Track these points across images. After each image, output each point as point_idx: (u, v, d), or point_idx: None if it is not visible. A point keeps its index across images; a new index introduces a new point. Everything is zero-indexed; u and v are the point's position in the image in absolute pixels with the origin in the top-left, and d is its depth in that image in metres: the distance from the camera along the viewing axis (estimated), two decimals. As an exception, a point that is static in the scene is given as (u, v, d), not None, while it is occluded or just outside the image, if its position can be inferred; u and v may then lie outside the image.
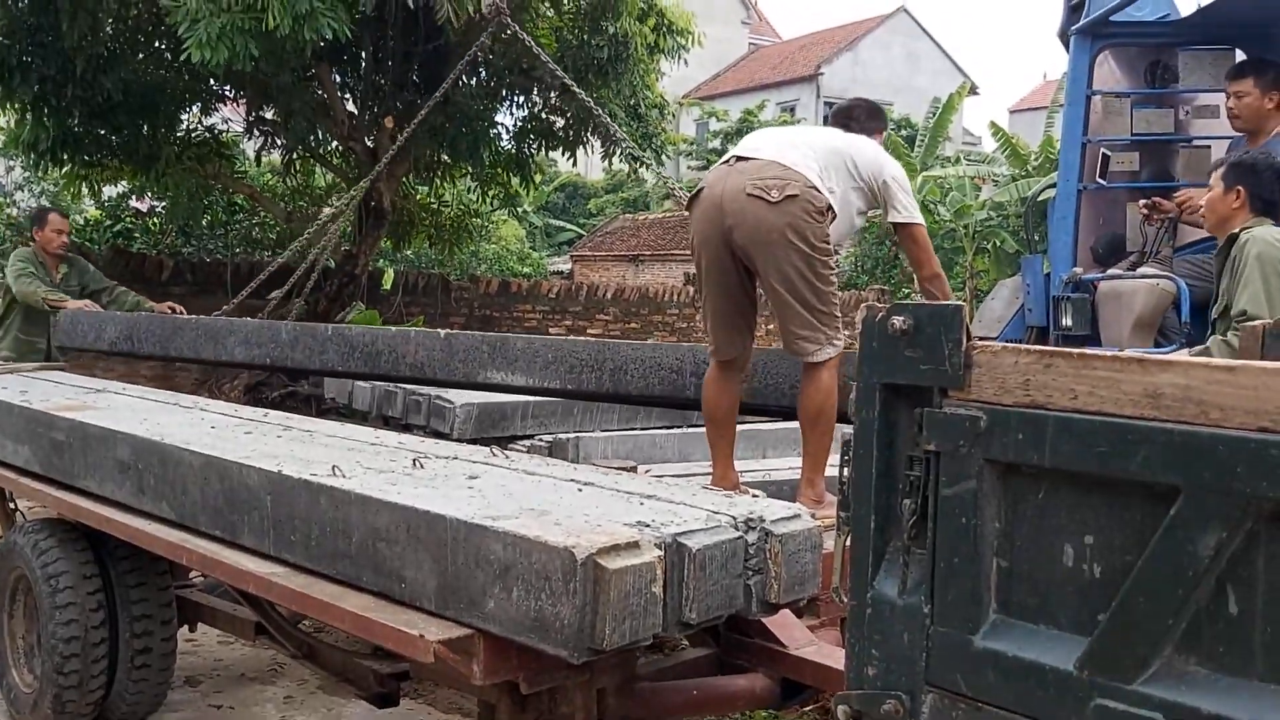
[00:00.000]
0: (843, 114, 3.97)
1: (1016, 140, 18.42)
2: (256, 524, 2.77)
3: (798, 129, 3.84)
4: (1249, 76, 4.64)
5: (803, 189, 3.30)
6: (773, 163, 3.35)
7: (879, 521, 1.72)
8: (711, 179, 3.48)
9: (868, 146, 3.69)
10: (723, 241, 3.40)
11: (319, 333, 4.73)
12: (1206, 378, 1.35)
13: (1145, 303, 4.63)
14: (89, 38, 7.51)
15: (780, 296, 3.37)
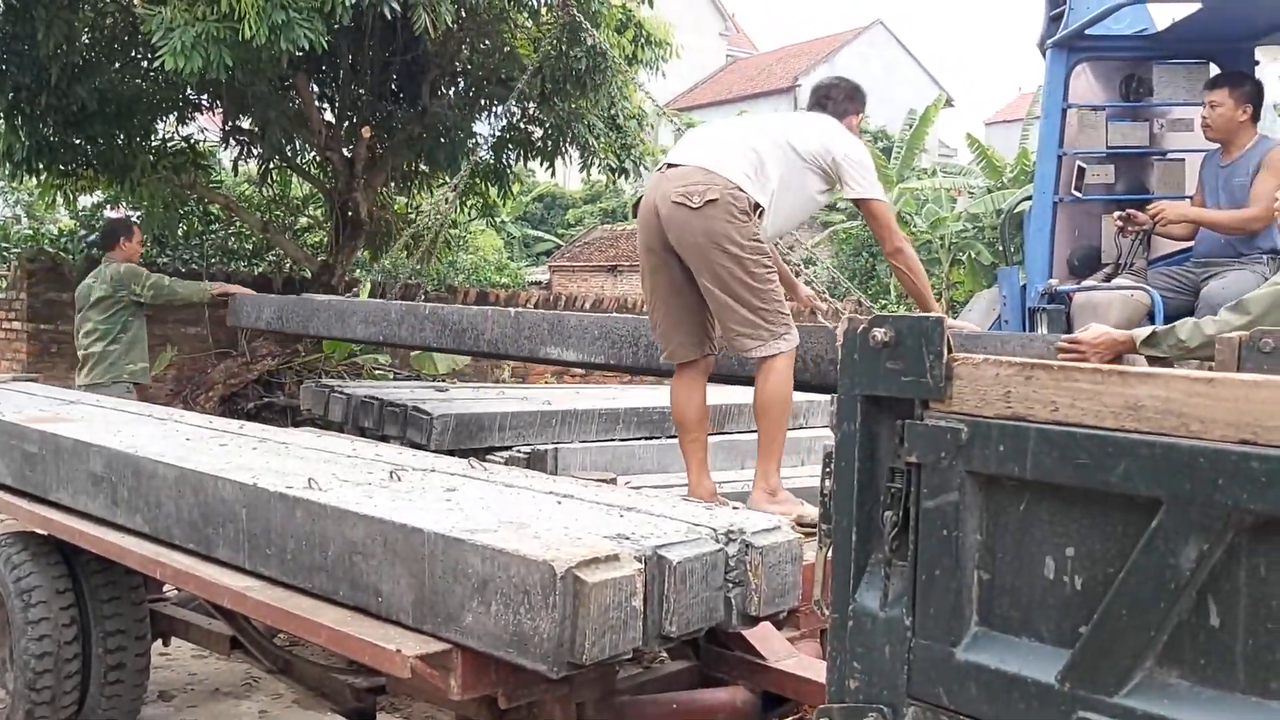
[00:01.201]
0: (821, 92, 3.99)
1: (992, 152, 18.55)
2: (231, 537, 2.74)
3: (738, 123, 3.85)
4: (1224, 87, 4.69)
5: (723, 191, 3.35)
6: (697, 168, 3.42)
7: (860, 533, 1.72)
8: (650, 187, 3.60)
9: (812, 129, 3.70)
10: (664, 247, 3.49)
11: (419, 312, 5.28)
12: (1187, 390, 1.35)
13: (1120, 314, 4.67)
14: (64, 47, 7.44)
15: (716, 297, 3.42)
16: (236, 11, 6.21)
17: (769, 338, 3.42)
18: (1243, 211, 4.67)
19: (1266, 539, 1.29)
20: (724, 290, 3.39)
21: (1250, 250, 4.64)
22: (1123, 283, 4.81)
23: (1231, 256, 4.69)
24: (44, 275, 9.42)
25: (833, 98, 3.92)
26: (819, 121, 3.77)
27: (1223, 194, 4.76)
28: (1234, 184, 4.70)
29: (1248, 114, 4.66)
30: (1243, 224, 4.66)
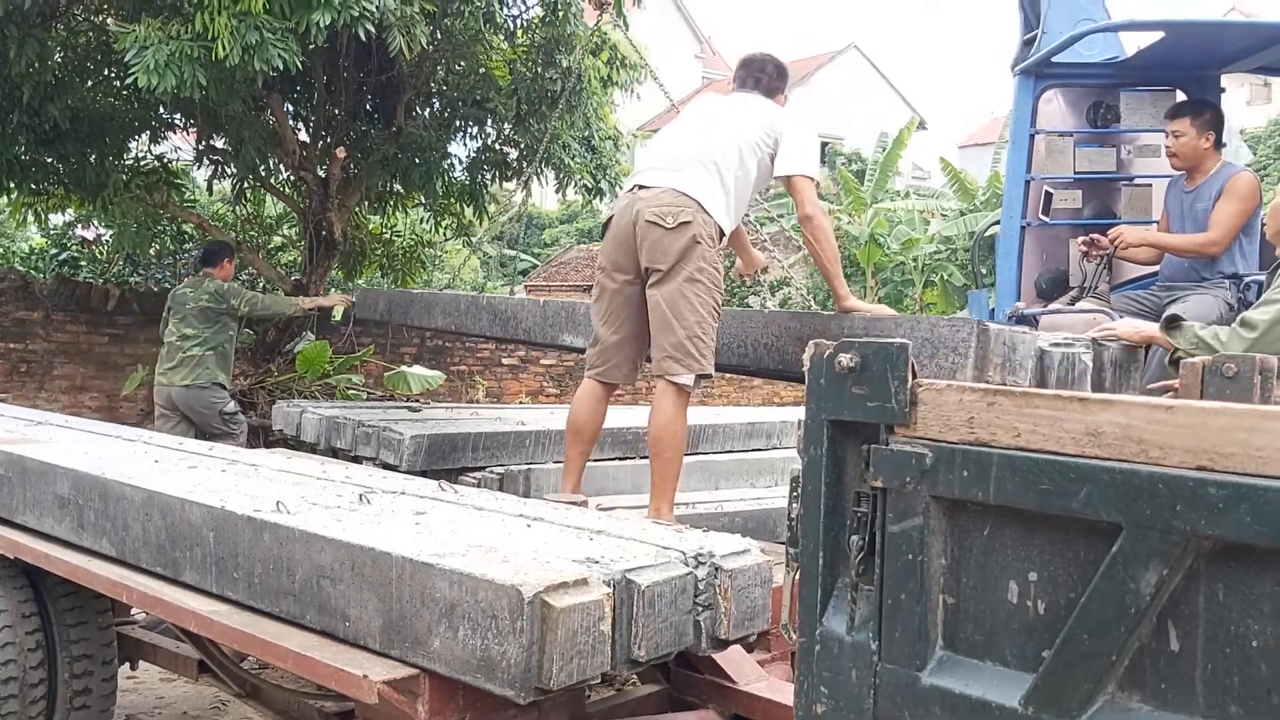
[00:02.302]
0: (754, 68, 4.06)
1: (965, 175, 18.72)
2: (199, 561, 2.72)
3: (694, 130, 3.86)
4: (1186, 116, 4.76)
5: (695, 214, 3.55)
6: (670, 190, 3.58)
7: (827, 558, 1.72)
8: (619, 208, 3.71)
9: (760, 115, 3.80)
10: (633, 268, 3.65)
11: (479, 303, 5.78)
12: (1146, 417, 1.36)
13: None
14: (36, 65, 7.41)
15: (663, 315, 3.58)
16: (210, 31, 6.20)
17: (696, 368, 3.58)
18: (1200, 236, 4.73)
19: (1224, 564, 1.31)
20: (673, 310, 3.56)
21: (1212, 275, 4.70)
22: (1085, 306, 4.87)
23: (1194, 281, 4.75)
24: (14, 294, 9.34)
25: (767, 73, 4.04)
26: (763, 107, 3.87)
27: (1187, 219, 4.82)
28: (1197, 209, 4.76)
29: (1210, 141, 4.73)
30: (1199, 248, 4.72)
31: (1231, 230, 4.63)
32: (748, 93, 3.99)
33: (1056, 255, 5.45)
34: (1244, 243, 4.69)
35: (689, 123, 3.93)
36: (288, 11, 6.40)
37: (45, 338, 9.41)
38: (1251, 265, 4.70)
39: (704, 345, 3.59)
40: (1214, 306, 4.58)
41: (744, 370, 4.13)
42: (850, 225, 17.98)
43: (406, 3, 6.72)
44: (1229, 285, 4.63)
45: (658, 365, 3.62)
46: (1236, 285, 4.62)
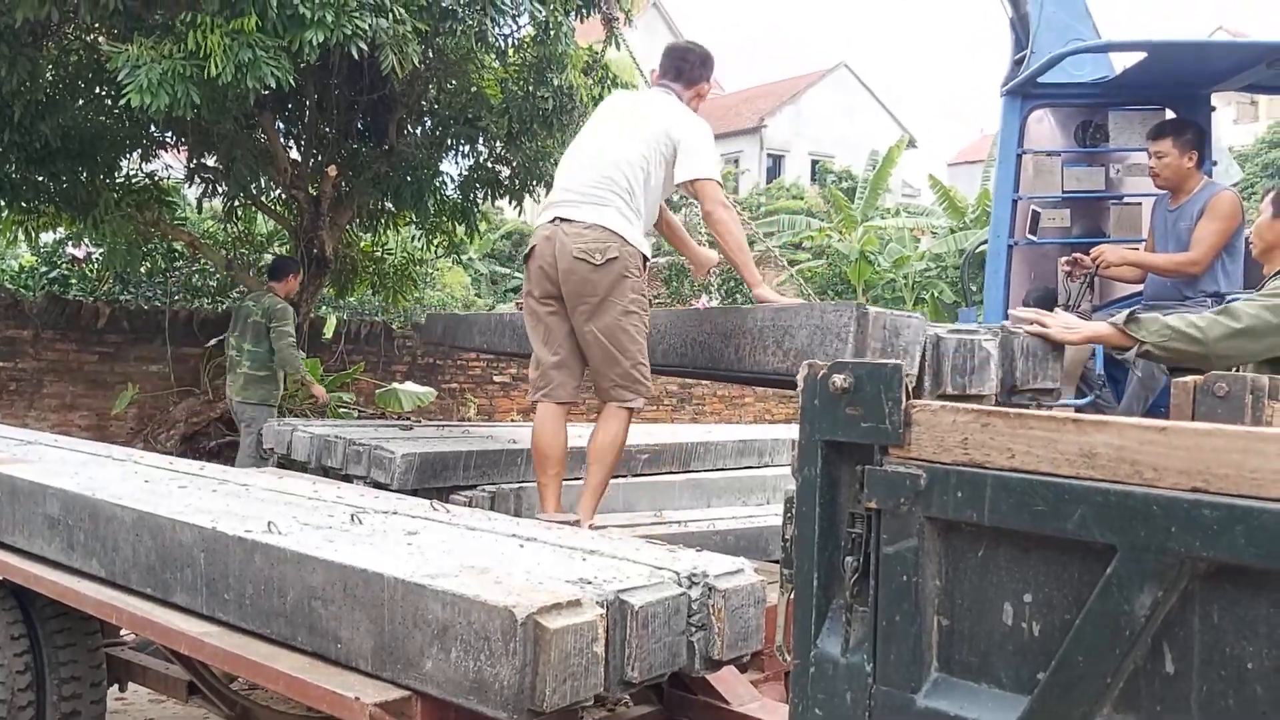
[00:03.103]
0: (676, 56, 4.14)
1: (954, 193, 18.79)
2: (189, 582, 2.71)
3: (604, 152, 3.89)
4: (1168, 137, 4.79)
5: (621, 249, 3.71)
6: (595, 226, 3.71)
7: (822, 579, 1.72)
8: (540, 239, 3.82)
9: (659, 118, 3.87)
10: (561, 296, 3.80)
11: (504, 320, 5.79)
12: (1140, 438, 1.37)
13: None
14: (28, 83, 7.40)
15: (605, 348, 3.76)
16: (203, 49, 6.20)
17: (644, 392, 3.84)
18: (1181, 255, 4.75)
19: (1219, 586, 1.31)
20: (613, 343, 3.76)
21: (1194, 293, 4.71)
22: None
23: (1177, 299, 4.76)
24: (3, 312, 9.32)
25: (689, 61, 4.11)
26: (664, 112, 3.92)
27: (1170, 238, 4.85)
28: (1180, 228, 4.78)
29: (1193, 160, 4.76)
30: (1180, 267, 4.74)
31: (1213, 249, 4.65)
32: (668, 85, 4.07)
33: (1045, 274, 5.47)
34: (1227, 261, 4.70)
35: (598, 140, 3.96)
36: (280, 30, 6.40)
37: (35, 356, 9.38)
38: (1235, 284, 4.71)
39: (645, 369, 3.84)
40: None
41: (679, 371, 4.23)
42: (841, 243, 18.03)
43: (399, 22, 6.73)
44: (1211, 304, 4.65)
45: (608, 394, 3.82)
46: (1218, 304, 4.64)
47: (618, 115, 4.04)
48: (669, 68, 4.11)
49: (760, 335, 3.70)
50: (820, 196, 24.92)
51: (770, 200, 27.52)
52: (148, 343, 9.85)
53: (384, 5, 6.65)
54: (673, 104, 3.98)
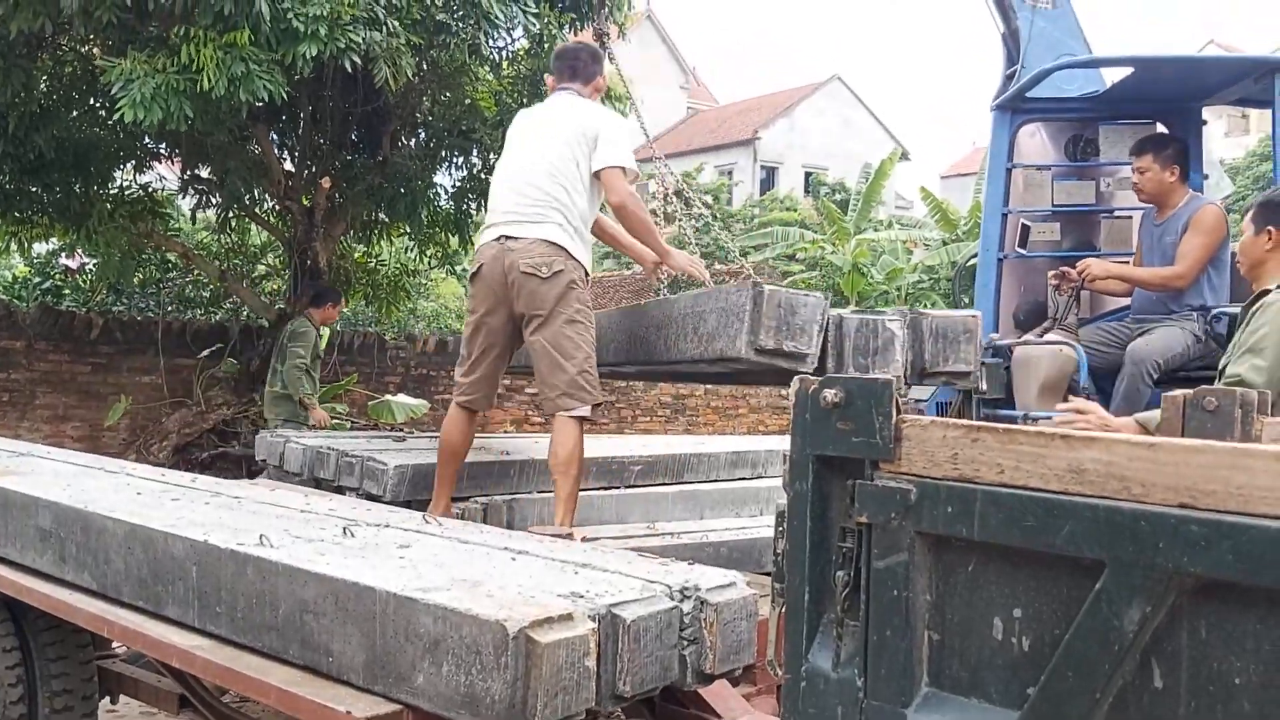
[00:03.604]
0: (569, 58, 4.34)
1: (947, 205, 18.87)
2: (181, 595, 2.70)
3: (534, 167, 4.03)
4: (1149, 152, 4.82)
5: (566, 262, 3.89)
6: (538, 241, 3.88)
7: (813, 593, 1.72)
8: (488, 258, 3.95)
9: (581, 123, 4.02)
10: (508, 313, 3.96)
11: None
12: (1128, 454, 1.37)
13: (1049, 368, 4.75)
14: (22, 95, 7.41)
15: (552, 356, 3.90)
16: (196, 63, 6.22)
17: (590, 399, 3.93)
18: (1166, 269, 4.77)
19: (1206, 601, 1.31)
20: (559, 352, 3.89)
21: (1180, 307, 4.73)
22: (1053, 338, 4.90)
23: (1163, 313, 4.78)
24: (-5, 323, 9.30)
25: (581, 60, 4.31)
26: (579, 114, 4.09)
27: (1156, 252, 4.87)
28: (1166, 243, 4.80)
29: (1176, 175, 4.78)
30: (1165, 281, 4.76)
31: (1197, 263, 4.66)
32: (568, 87, 4.24)
33: (1035, 287, 5.49)
34: (1213, 275, 4.72)
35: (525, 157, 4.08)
36: (274, 43, 6.42)
37: (27, 367, 9.37)
38: (1221, 297, 4.73)
39: (592, 378, 3.95)
40: (1180, 338, 4.62)
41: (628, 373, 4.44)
42: (834, 255, 18.08)
43: (392, 35, 6.75)
44: (1196, 317, 4.67)
45: (554, 403, 3.93)
46: (1204, 317, 4.66)
47: (535, 130, 4.16)
48: (564, 70, 4.29)
49: (681, 323, 3.81)
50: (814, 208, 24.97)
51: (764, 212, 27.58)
52: (141, 354, 9.83)
53: (378, 19, 6.68)
54: (583, 103, 4.15)
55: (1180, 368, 4.62)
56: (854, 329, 3.51)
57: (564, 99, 4.19)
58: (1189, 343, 4.61)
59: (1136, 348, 4.59)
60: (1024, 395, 4.83)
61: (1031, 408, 4.75)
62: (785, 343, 3.51)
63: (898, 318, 3.56)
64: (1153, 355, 4.53)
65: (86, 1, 6.13)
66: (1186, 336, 4.62)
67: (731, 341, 3.49)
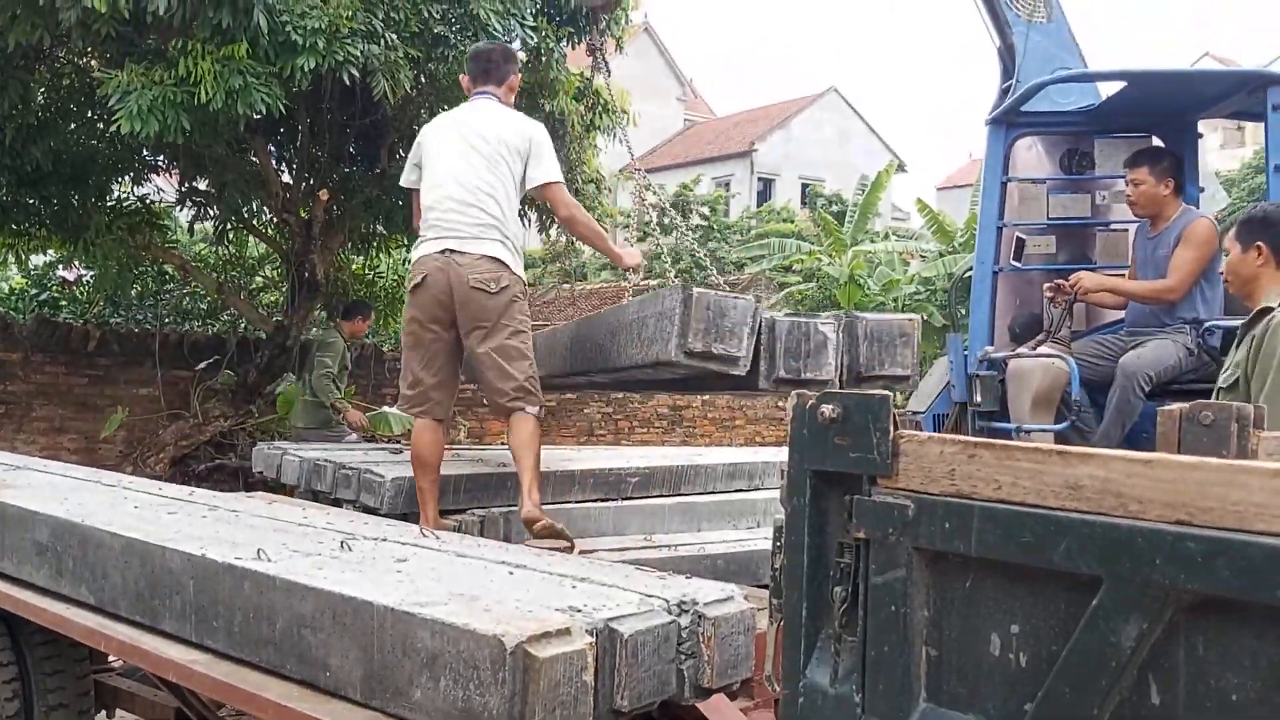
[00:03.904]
0: (483, 60, 4.44)
1: (943, 217, 18.90)
2: (178, 609, 2.70)
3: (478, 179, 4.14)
4: (1144, 165, 4.83)
5: (509, 277, 4.07)
6: (482, 257, 4.03)
7: (810, 609, 1.72)
8: (432, 269, 4.06)
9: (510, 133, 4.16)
10: (451, 322, 4.09)
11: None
12: (1125, 470, 1.38)
13: (1041, 381, 4.75)
14: (19, 107, 7.42)
15: (500, 366, 4.06)
16: (194, 75, 6.23)
17: (538, 402, 4.14)
18: (1159, 282, 4.78)
19: (1203, 618, 1.31)
20: (507, 360, 4.06)
21: (1173, 320, 4.73)
22: (1045, 351, 4.90)
23: (1156, 326, 4.79)
24: (-8, 335, 9.30)
25: (494, 61, 4.42)
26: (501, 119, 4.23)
27: (1149, 265, 4.88)
28: (1159, 256, 4.81)
29: (1170, 188, 4.79)
30: (1157, 294, 4.77)
31: (1189, 276, 4.67)
32: (484, 90, 4.35)
33: (1031, 300, 5.50)
34: (1205, 288, 4.72)
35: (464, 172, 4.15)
36: (272, 56, 6.44)
37: (24, 379, 9.35)
38: (1214, 310, 4.73)
39: (536, 383, 4.17)
40: (1172, 351, 4.62)
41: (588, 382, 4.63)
42: (830, 266, 18.10)
43: (390, 48, 6.77)
44: (1189, 330, 4.67)
45: (505, 407, 4.11)
46: (1196, 330, 4.66)
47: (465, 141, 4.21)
48: (479, 72, 4.39)
49: (629, 328, 3.88)
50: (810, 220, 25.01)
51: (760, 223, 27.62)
52: (138, 365, 9.83)
53: (376, 32, 6.70)
54: (505, 113, 4.28)
55: (1173, 380, 4.62)
56: (785, 332, 3.54)
57: (485, 105, 4.30)
58: (1181, 356, 4.61)
59: (1128, 361, 4.60)
60: (1017, 408, 4.84)
61: (1025, 420, 4.76)
62: (714, 345, 3.59)
63: (831, 321, 3.60)
64: (1144, 368, 4.54)
65: (85, 14, 6.14)
66: (1179, 349, 4.62)
67: (665, 346, 3.58)
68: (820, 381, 3.58)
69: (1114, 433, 4.55)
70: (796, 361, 3.58)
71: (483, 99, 4.33)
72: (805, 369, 3.56)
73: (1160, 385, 4.58)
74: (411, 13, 7.05)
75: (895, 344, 3.62)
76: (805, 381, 3.60)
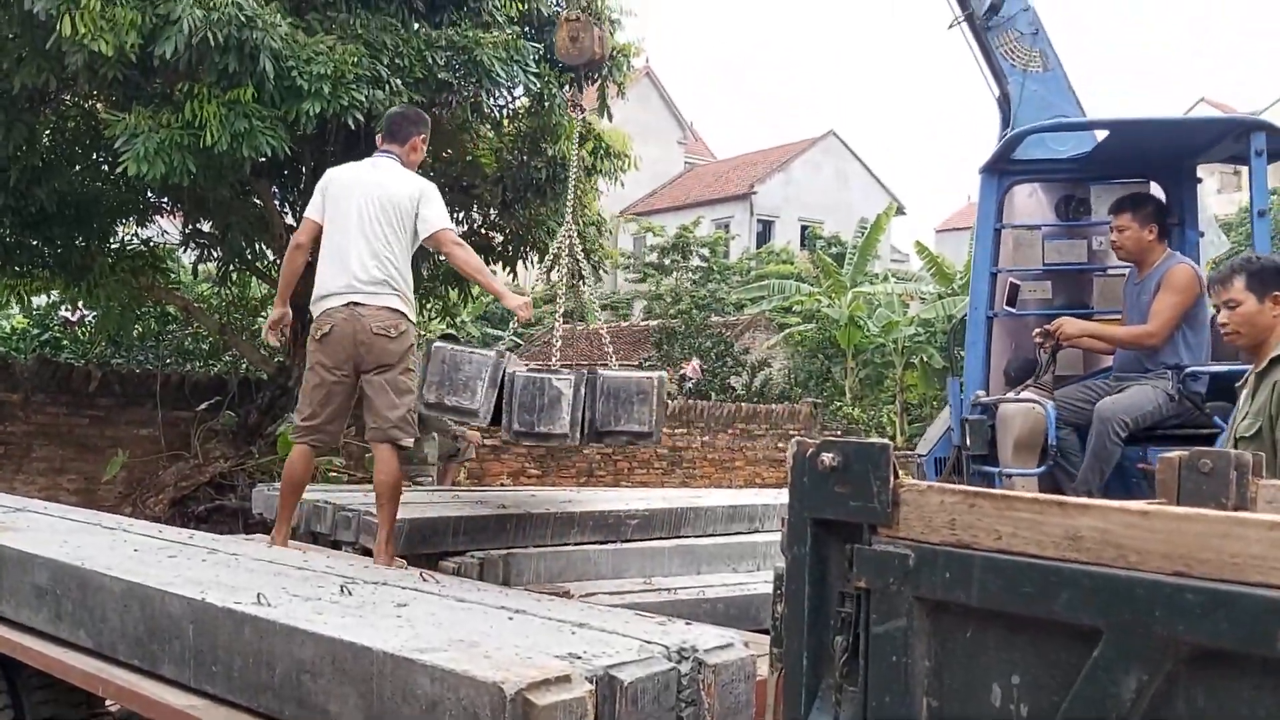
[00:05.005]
0: (393, 120, 4.88)
1: (942, 259, 18.96)
2: (177, 654, 2.69)
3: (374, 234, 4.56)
4: (1127, 211, 4.86)
5: (406, 324, 4.52)
6: (386, 309, 4.48)
7: (811, 658, 1.72)
8: (339, 321, 4.47)
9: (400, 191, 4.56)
10: (354, 367, 4.50)
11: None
12: (1123, 521, 1.38)
13: (1021, 426, 4.76)
14: (24, 149, 7.48)
15: (389, 396, 4.48)
16: (200, 119, 6.29)
17: (412, 434, 4.55)
18: (1137, 327, 4.79)
19: (1203, 669, 1.32)
20: (396, 392, 4.48)
21: (1155, 365, 4.74)
22: (1026, 396, 4.91)
23: (1140, 372, 4.79)
24: (-8, 375, 9.29)
25: (398, 124, 4.85)
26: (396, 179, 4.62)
27: (1136, 311, 4.89)
28: (1143, 301, 4.82)
29: (1153, 233, 4.81)
30: (1136, 339, 4.78)
31: (1169, 322, 4.67)
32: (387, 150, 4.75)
33: (1026, 344, 5.50)
34: (1188, 334, 4.72)
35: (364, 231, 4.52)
36: (277, 101, 6.50)
37: (25, 420, 9.34)
38: (1198, 356, 4.72)
39: (414, 416, 4.61)
40: (1151, 397, 4.62)
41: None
42: (830, 308, 18.14)
43: (395, 93, 6.84)
44: (1171, 376, 4.66)
45: (387, 434, 4.47)
46: (1177, 376, 4.65)
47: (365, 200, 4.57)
48: (386, 132, 4.82)
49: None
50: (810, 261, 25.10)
51: (760, 264, 27.70)
52: (139, 406, 9.81)
53: (381, 77, 6.77)
54: (400, 173, 4.67)
55: (1156, 426, 4.62)
56: (521, 387, 3.69)
57: (385, 164, 4.70)
58: (1161, 401, 4.61)
59: (1103, 406, 4.61)
60: (1003, 453, 4.85)
61: (1009, 465, 4.76)
62: (448, 398, 3.90)
63: (568, 377, 3.70)
64: (1119, 414, 4.55)
65: (92, 58, 6.21)
66: (1158, 395, 4.62)
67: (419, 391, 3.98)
68: (556, 435, 3.79)
69: (1092, 478, 4.55)
70: (530, 415, 3.80)
71: (384, 157, 4.74)
72: (539, 423, 3.79)
73: (1143, 431, 4.59)
74: (416, 59, 7.13)
75: (633, 401, 3.76)
76: (539, 434, 3.81)
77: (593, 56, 6.45)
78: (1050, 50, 5.79)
